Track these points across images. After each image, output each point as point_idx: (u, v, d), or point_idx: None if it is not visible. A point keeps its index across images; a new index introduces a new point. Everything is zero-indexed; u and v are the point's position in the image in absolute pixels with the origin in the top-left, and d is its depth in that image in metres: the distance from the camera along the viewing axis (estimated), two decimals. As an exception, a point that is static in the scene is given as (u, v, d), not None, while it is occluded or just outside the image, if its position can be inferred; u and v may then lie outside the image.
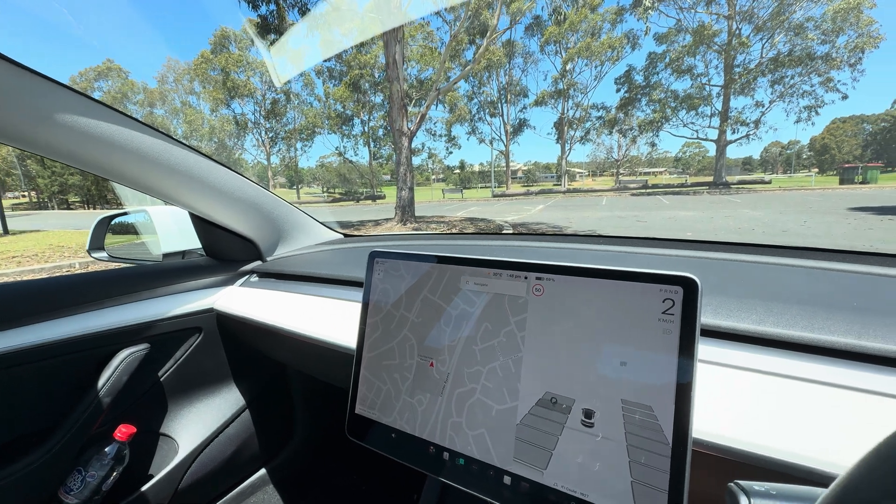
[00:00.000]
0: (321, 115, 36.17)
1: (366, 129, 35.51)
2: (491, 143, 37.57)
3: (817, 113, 28.75)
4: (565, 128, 36.11)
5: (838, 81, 27.51)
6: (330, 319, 0.83)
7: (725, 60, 28.76)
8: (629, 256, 0.84)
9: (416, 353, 0.56)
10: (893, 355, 0.42)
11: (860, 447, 0.20)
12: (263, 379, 1.18)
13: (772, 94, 29.02)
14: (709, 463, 0.43)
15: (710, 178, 30.79)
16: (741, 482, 0.28)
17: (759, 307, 0.53)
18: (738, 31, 28.02)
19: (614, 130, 36.66)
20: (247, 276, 1.14)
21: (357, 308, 0.63)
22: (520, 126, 37.59)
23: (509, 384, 0.49)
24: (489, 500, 0.48)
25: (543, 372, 0.47)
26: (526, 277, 0.50)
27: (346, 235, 1.40)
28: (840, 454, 0.37)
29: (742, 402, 0.45)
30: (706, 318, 0.53)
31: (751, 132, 29.81)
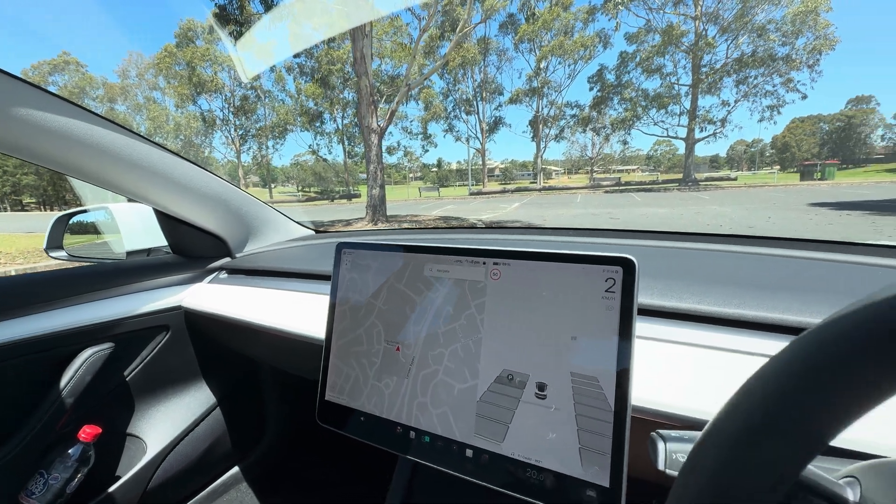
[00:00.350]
0: (293, 111, 35.40)
1: (339, 126, 35.07)
2: (467, 141, 37.72)
3: (779, 112, 30.15)
4: (540, 126, 36.61)
5: (798, 82, 28.90)
6: (301, 313, 0.84)
7: (693, 60, 29.78)
8: (587, 246, 0.89)
9: (383, 339, 0.59)
10: (793, 325, 0.48)
11: None
12: (234, 376, 1.17)
13: (737, 93, 30.25)
14: (643, 423, 0.47)
15: (680, 175, 31.84)
16: (661, 431, 0.32)
17: (693, 288, 0.58)
18: (704, 32, 29.06)
19: (588, 129, 37.39)
20: (216, 273, 1.13)
21: (327, 300, 0.65)
22: (495, 124, 37.84)
23: (470, 364, 0.52)
24: (453, 473, 0.51)
25: (501, 351, 0.51)
26: (484, 263, 0.53)
27: (317, 231, 1.40)
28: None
29: (670, 371, 0.50)
30: (650, 299, 0.57)
31: (717, 130, 30.97)
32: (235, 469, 1.17)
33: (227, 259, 1.15)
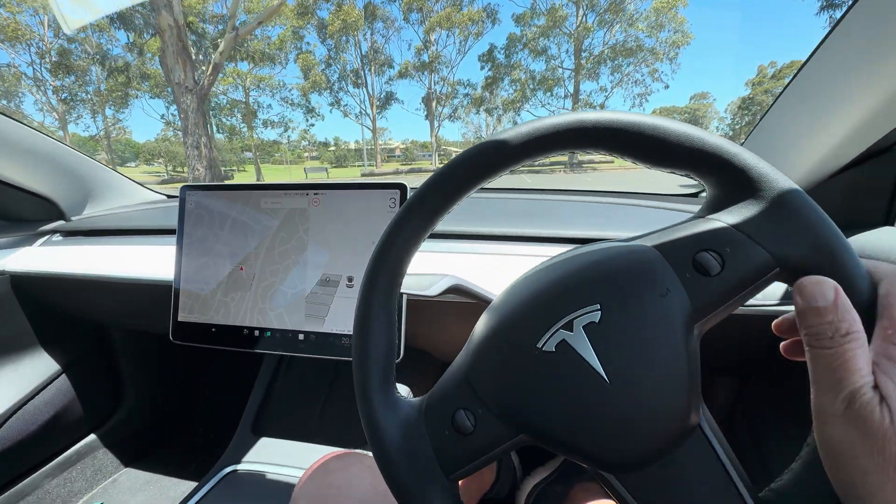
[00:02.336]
0: (134, 72, 30.47)
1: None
2: (358, 117, 36.76)
3: (647, 100, 35.01)
4: (433, 103, 37.31)
5: (661, 73, 33.82)
6: (149, 261, 0.92)
7: (575, 45, 32.97)
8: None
9: (229, 262, 0.75)
10: (549, 235, 0.75)
11: None
12: (80, 342, 1.19)
13: (612, 80, 34.36)
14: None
15: (566, 158, 35.33)
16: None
17: (495, 220, 0.83)
18: (584, 18, 32.30)
19: (481, 109, 39.18)
20: (47, 237, 1.13)
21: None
22: (387, 99, 37.46)
23: (300, 274, 0.72)
24: (292, 353, 0.70)
25: (323, 260, 0.71)
26: (307, 193, 0.72)
27: (169, 197, 1.44)
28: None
29: (466, 267, 0.75)
30: (458, 226, 0.81)
31: (597, 115, 34.86)
32: (92, 436, 1.20)
33: (61, 222, 1.15)
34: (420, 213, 0.35)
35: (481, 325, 0.34)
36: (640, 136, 0.29)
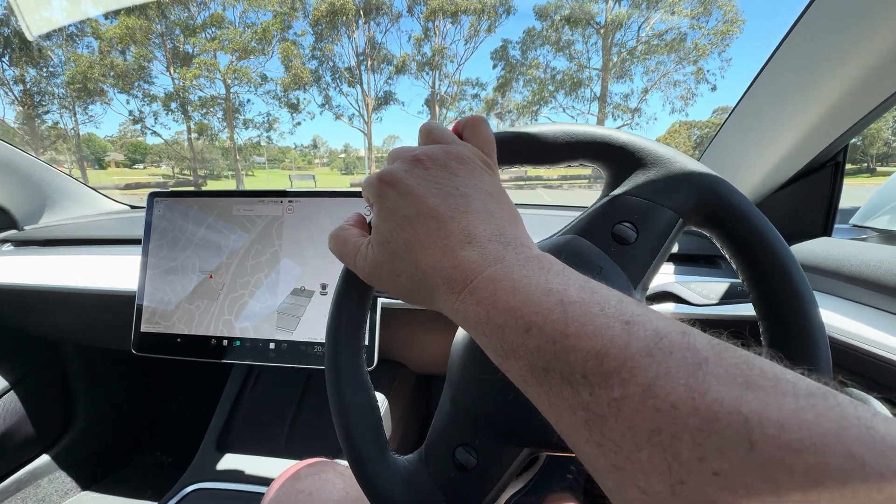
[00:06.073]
0: (101, 64, 30.88)
1: (174, 86, 31.94)
2: (351, 119, 37.26)
3: (691, 103, 35.15)
4: (437, 106, 37.83)
5: (708, 71, 33.87)
6: (109, 271, 1.00)
7: (603, 40, 33.55)
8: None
9: (198, 269, 0.84)
10: None
11: None
12: (29, 358, 1.27)
13: (648, 81, 34.75)
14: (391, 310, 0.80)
15: (589, 170, 35.61)
16: None
17: None
18: (617, 4, 32.93)
19: (492, 114, 39.59)
20: None
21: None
22: (385, 100, 37.84)
23: (271, 287, 0.81)
24: (263, 363, 0.79)
25: (296, 272, 0.80)
26: (281, 201, 0.82)
27: (133, 207, 1.54)
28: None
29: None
30: None
31: (628, 122, 35.23)
32: (45, 457, 1.27)
33: (13, 231, 1.24)
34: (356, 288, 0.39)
35: (453, 360, 0.41)
36: (528, 143, 0.38)
